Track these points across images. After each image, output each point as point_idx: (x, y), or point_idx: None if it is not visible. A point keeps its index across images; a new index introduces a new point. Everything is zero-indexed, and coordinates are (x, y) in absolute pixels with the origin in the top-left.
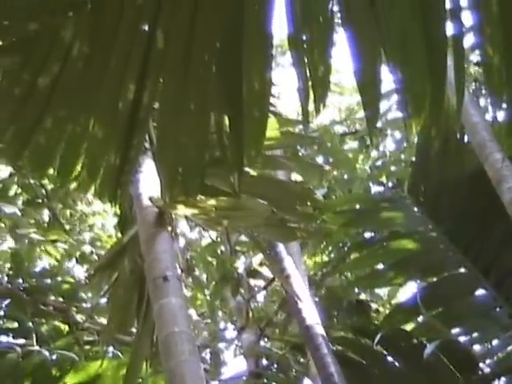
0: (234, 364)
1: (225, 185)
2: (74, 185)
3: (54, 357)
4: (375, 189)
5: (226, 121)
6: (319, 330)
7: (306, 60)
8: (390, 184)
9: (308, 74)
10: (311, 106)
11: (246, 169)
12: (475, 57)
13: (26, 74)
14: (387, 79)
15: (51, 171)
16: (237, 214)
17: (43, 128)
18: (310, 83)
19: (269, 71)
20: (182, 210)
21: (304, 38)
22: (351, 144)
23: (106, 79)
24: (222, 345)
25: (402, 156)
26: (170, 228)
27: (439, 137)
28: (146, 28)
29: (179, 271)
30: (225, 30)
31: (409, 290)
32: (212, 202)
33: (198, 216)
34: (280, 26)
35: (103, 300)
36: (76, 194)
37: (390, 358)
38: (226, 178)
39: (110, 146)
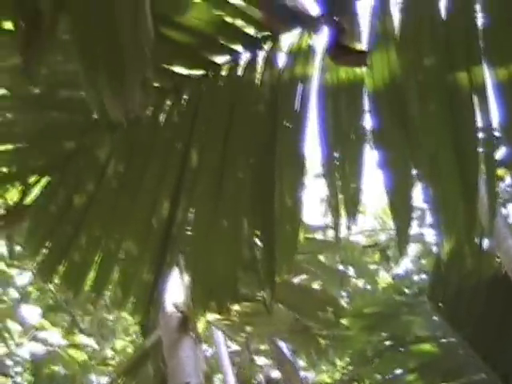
0: None
1: (250, 290)
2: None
3: None
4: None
5: (259, 236)
6: None
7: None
8: (411, 292)
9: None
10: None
11: None
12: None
13: (62, 192)
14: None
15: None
16: (260, 321)
17: (78, 245)
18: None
19: (301, 188)
20: (206, 315)
21: (336, 155)
22: (372, 255)
23: (141, 197)
24: None
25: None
26: (193, 334)
27: (472, 253)
28: (180, 146)
29: (201, 378)
30: (258, 148)
31: None
32: (236, 307)
33: (222, 322)
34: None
35: None
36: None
37: None
38: (252, 284)
39: (143, 262)
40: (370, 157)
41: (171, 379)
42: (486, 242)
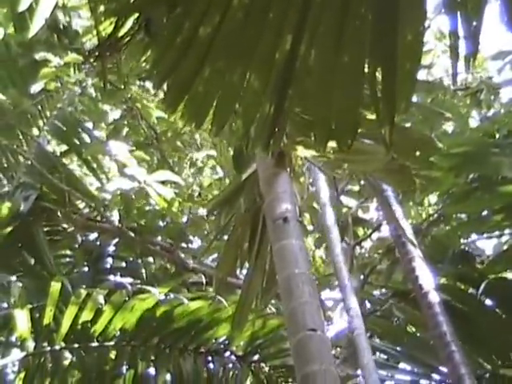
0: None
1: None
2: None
3: (162, 297)
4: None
5: (379, 74)
6: (432, 287)
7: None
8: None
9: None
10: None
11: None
12: None
13: (188, 24)
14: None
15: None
16: (357, 158)
17: (202, 77)
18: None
19: (423, 24)
20: (302, 151)
21: None
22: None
23: (265, 30)
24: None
25: None
26: (289, 169)
27: None
28: None
29: (298, 213)
30: None
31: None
32: (332, 144)
33: (318, 158)
34: None
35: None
36: (186, 137)
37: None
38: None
39: (265, 96)
40: None
41: (268, 214)
42: None
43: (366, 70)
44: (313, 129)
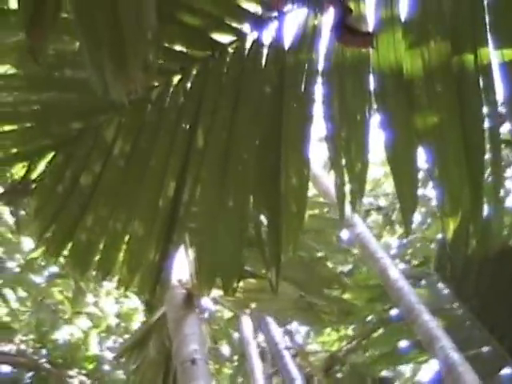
0: None
1: (255, 267)
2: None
3: None
4: (401, 266)
5: (264, 217)
6: None
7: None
8: (416, 261)
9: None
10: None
11: None
12: None
13: (69, 172)
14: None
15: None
16: (265, 297)
17: (85, 224)
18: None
19: (307, 167)
20: (210, 291)
21: (342, 135)
22: (375, 217)
23: (147, 177)
24: None
25: (427, 232)
26: (197, 310)
27: (478, 233)
28: (187, 127)
29: (206, 354)
30: (263, 129)
31: (432, 367)
32: (240, 283)
33: (226, 298)
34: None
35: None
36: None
37: None
38: (257, 261)
39: (150, 242)
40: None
41: (176, 356)
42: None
43: (251, 212)
44: (199, 267)
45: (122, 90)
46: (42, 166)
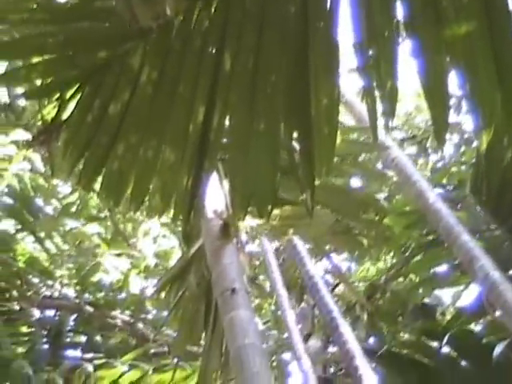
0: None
1: (291, 195)
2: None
3: (124, 369)
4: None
5: (296, 139)
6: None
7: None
8: (451, 186)
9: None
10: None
11: None
12: None
13: (97, 102)
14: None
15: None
16: (301, 223)
17: (116, 154)
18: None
19: (337, 87)
20: (246, 221)
21: (370, 53)
22: (410, 149)
23: (176, 103)
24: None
25: (462, 158)
26: (235, 240)
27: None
28: (213, 51)
29: (246, 283)
30: (290, 49)
31: (472, 293)
32: (277, 211)
33: (263, 226)
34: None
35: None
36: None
37: (458, 359)
38: (293, 188)
39: (182, 169)
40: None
41: (215, 286)
42: None
43: (282, 135)
44: (233, 196)
45: (150, 14)
46: (71, 105)
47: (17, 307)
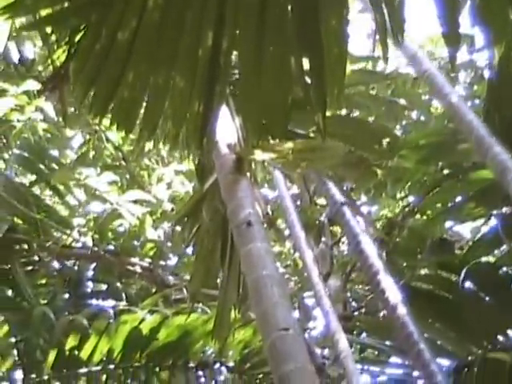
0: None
1: (302, 128)
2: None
3: (145, 315)
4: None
5: (307, 61)
6: (399, 299)
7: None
8: None
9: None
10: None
11: None
12: None
13: (105, 30)
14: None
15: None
16: (315, 156)
17: (126, 82)
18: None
19: (347, 8)
20: (259, 155)
21: None
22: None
23: (184, 28)
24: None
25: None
26: (248, 174)
27: None
28: None
29: (261, 215)
30: None
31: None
32: (289, 145)
33: (276, 160)
34: None
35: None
36: (153, 153)
37: (478, 292)
38: (304, 121)
39: (193, 94)
40: None
41: (231, 220)
42: None
43: (293, 58)
44: (245, 128)
45: None
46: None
47: (36, 258)
